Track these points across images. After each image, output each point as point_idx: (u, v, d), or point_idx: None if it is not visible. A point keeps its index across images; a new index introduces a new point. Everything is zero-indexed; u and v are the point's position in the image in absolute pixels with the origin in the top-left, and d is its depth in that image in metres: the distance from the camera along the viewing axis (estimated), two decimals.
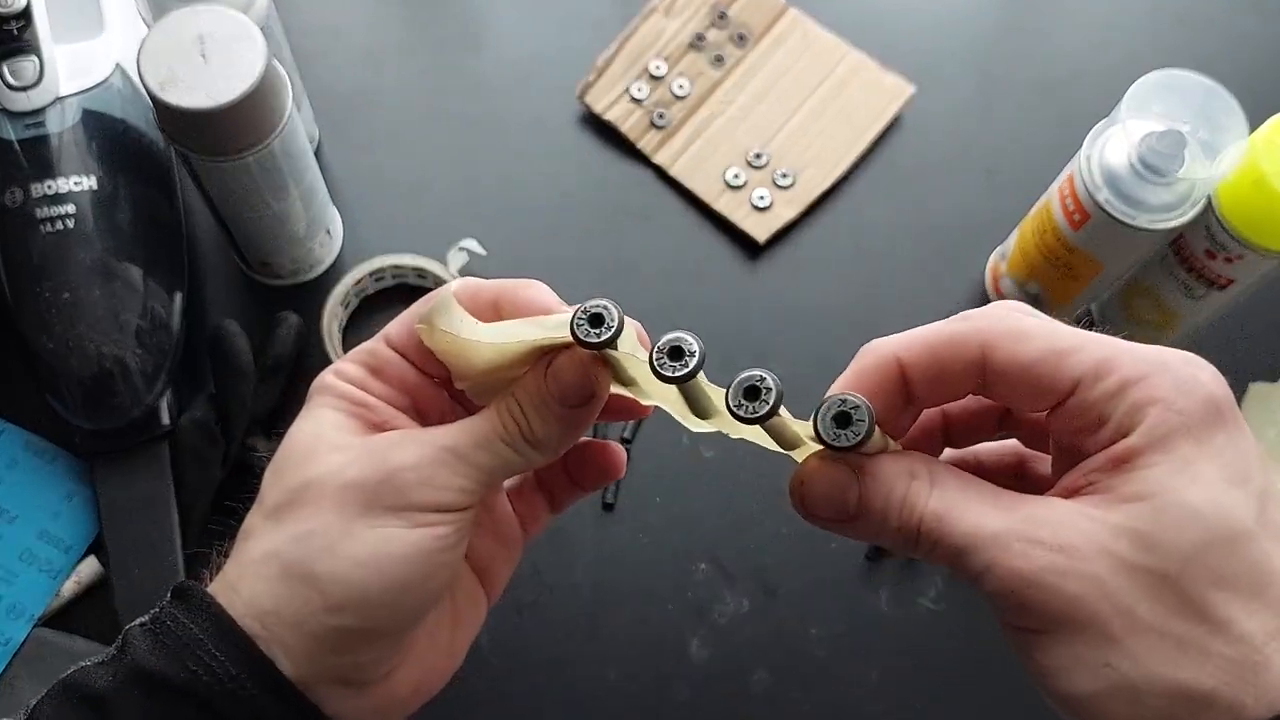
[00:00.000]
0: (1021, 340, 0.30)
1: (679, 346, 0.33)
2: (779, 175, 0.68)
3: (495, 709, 0.57)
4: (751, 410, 0.31)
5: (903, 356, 0.33)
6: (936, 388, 0.32)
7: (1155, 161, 0.53)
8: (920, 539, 0.30)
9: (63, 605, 0.57)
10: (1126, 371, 0.28)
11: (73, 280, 0.55)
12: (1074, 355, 0.29)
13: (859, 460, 0.32)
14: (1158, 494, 0.27)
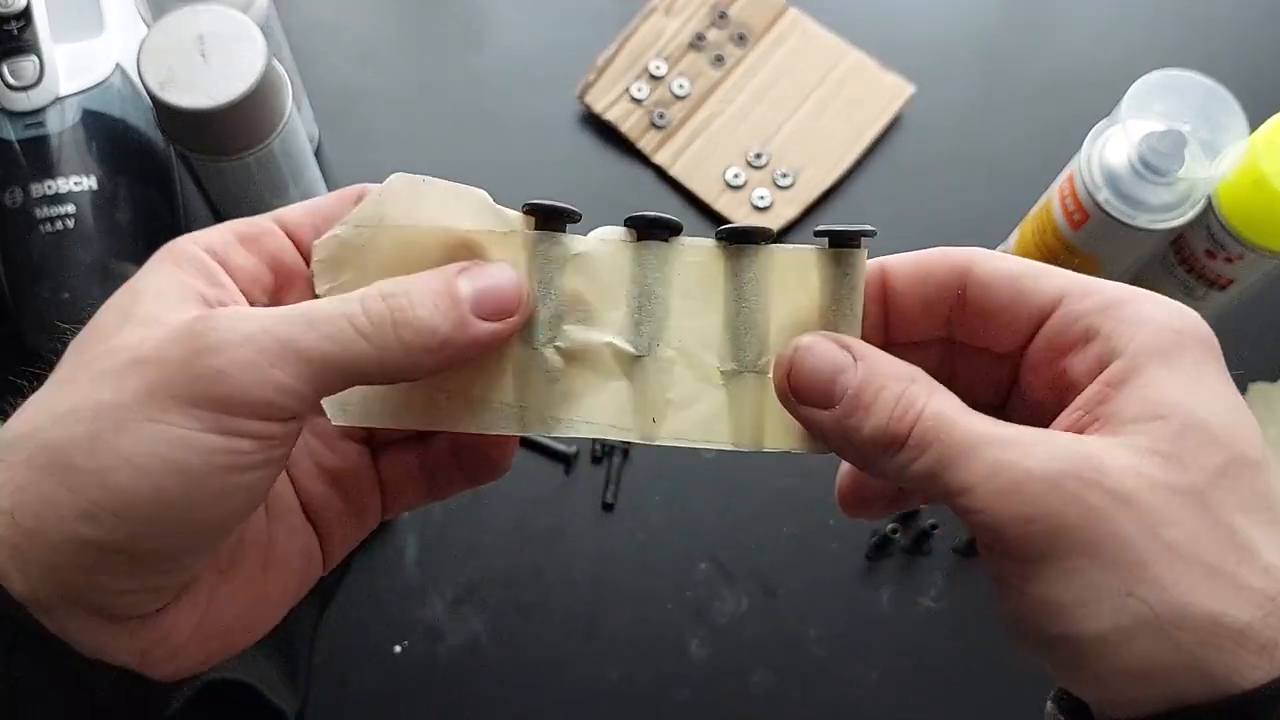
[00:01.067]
0: (1003, 260, 0.28)
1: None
2: (779, 175, 0.68)
3: (494, 709, 0.57)
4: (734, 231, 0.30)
5: (889, 264, 0.30)
6: (918, 302, 0.30)
7: (1155, 161, 0.53)
8: (910, 441, 0.26)
9: None
10: (1109, 293, 0.27)
11: (72, 280, 0.55)
12: (1054, 274, 0.28)
13: (860, 347, 0.28)
14: (1173, 413, 0.24)
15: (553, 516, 0.61)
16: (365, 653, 0.57)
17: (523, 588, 0.59)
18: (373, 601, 0.58)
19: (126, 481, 0.24)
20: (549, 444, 0.62)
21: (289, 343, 0.25)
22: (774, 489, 0.62)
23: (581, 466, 0.62)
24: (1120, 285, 0.27)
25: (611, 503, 0.61)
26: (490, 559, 0.60)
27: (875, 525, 0.61)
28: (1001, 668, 0.59)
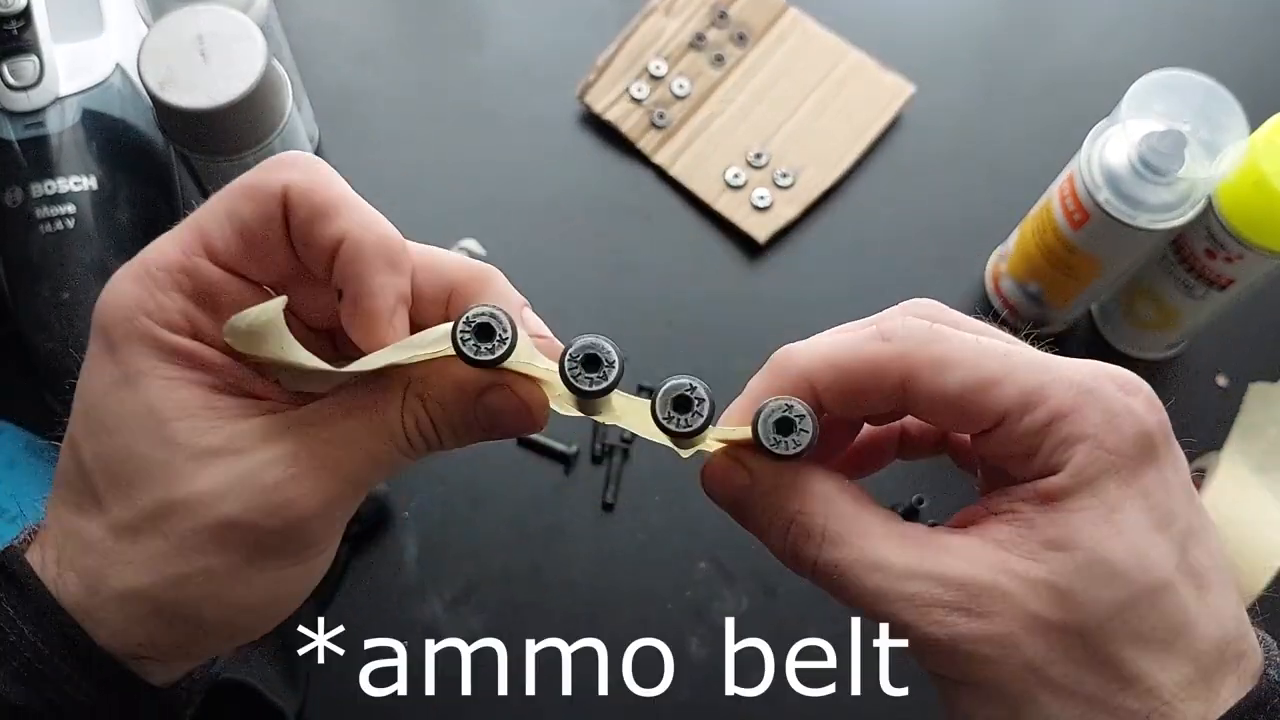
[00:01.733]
0: (944, 370, 0.28)
1: (594, 355, 0.28)
2: (779, 175, 0.68)
3: (493, 708, 0.57)
4: (684, 424, 0.29)
5: (815, 380, 0.31)
6: (852, 410, 0.31)
7: (1155, 161, 0.53)
8: (817, 578, 0.29)
9: None
10: (1055, 403, 0.27)
11: (72, 280, 0.55)
12: (1000, 386, 0.28)
13: (753, 466, 0.30)
14: (1080, 546, 0.26)
15: (552, 516, 0.61)
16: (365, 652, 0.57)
17: (522, 587, 0.59)
18: (372, 601, 0.58)
19: (250, 621, 0.31)
20: (549, 444, 0.62)
21: (359, 484, 0.29)
22: None
23: (581, 466, 0.62)
24: (1070, 384, 0.28)
25: (611, 503, 0.61)
26: (490, 559, 0.60)
27: None
28: None
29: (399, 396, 0.29)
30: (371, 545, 0.59)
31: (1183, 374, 0.66)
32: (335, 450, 0.28)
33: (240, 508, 0.27)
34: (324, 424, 0.28)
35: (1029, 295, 0.64)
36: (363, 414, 0.29)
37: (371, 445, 0.29)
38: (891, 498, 0.62)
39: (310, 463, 0.28)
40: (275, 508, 0.27)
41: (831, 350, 0.31)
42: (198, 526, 0.27)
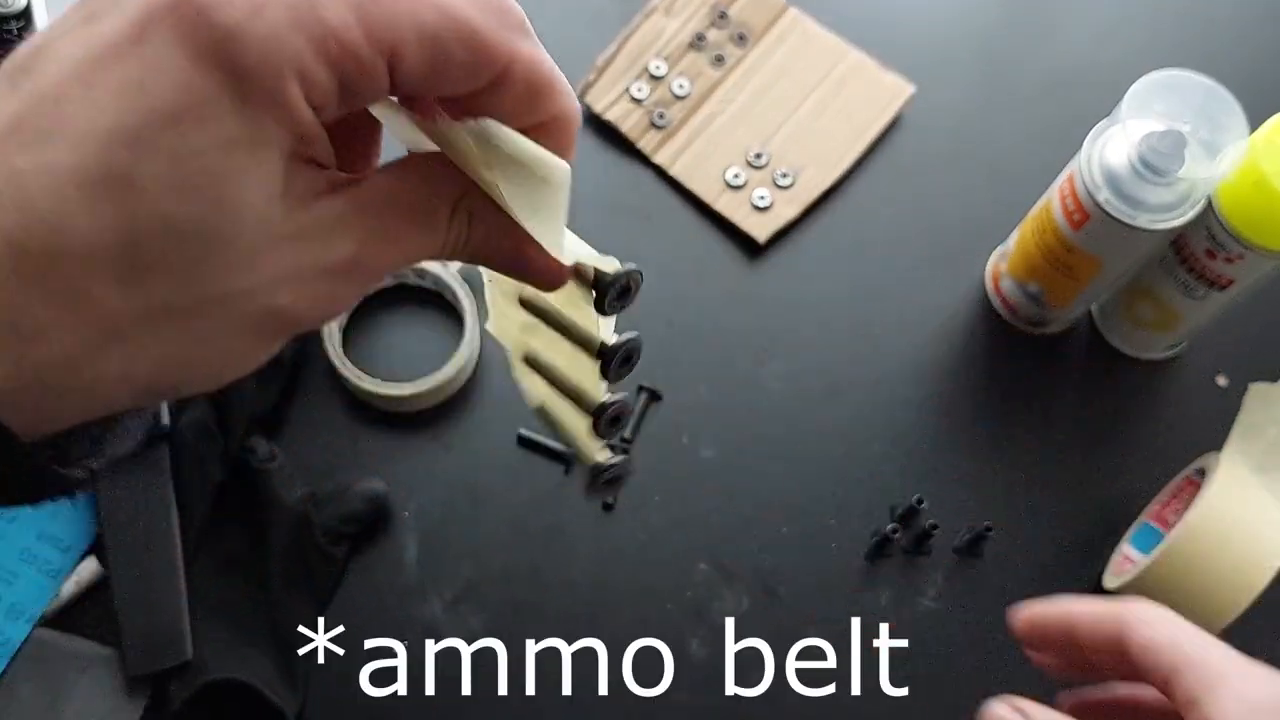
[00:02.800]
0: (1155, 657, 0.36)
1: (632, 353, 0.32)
2: (779, 175, 0.68)
3: (493, 708, 0.57)
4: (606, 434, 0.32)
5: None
6: None
7: (1155, 161, 0.53)
8: None
9: (62, 606, 0.57)
10: (1214, 668, 0.33)
11: None
12: (1169, 650, 0.35)
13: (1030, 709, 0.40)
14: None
15: (552, 516, 0.61)
16: (364, 652, 0.57)
17: (522, 588, 0.59)
18: (372, 601, 0.58)
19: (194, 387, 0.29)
20: (549, 444, 0.62)
21: (377, 281, 0.29)
22: (774, 489, 0.62)
23: (581, 466, 0.62)
24: (1225, 658, 0.34)
25: (611, 503, 0.61)
26: (489, 558, 0.60)
27: (875, 525, 0.61)
28: (1001, 668, 0.59)
29: (449, 206, 0.27)
30: (371, 545, 0.59)
31: (1183, 374, 0.66)
32: (384, 249, 0.26)
33: (292, 299, 0.25)
34: (380, 216, 0.26)
35: (1029, 295, 0.64)
36: (415, 215, 0.27)
37: (413, 248, 0.27)
38: (891, 498, 0.62)
39: (362, 263, 0.26)
40: (324, 303, 0.26)
41: None
42: (247, 312, 0.24)
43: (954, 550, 0.61)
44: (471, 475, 0.61)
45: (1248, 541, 0.54)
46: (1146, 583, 0.55)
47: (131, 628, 0.55)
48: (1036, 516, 0.62)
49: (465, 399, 0.63)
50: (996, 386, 0.65)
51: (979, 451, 0.64)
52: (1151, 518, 0.61)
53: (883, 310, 0.67)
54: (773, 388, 0.64)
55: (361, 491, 0.58)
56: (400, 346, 0.64)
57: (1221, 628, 0.54)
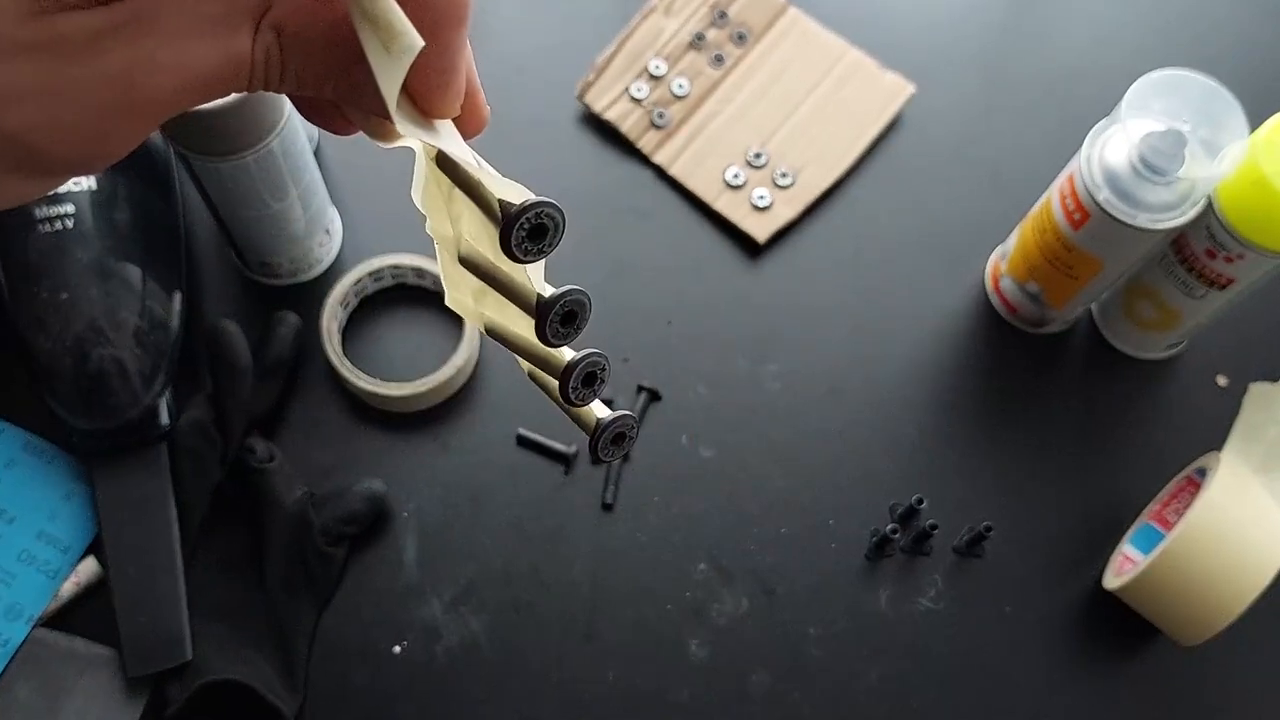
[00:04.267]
0: None
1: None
2: (779, 175, 0.68)
3: (492, 709, 0.57)
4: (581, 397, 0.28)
5: None
6: None
7: (1155, 161, 0.53)
8: None
9: (61, 606, 0.56)
10: None
11: (70, 280, 0.55)
12: None
13: None
14: None
15: (552, 517, 0.61)
16: (363, 653, 0.57)
17: (522, 588, 0.59)
18: (371, 601, 0.58)
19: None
20: (549, 444, 0.62)
21: (166, 114, 0.24)
22: (773, 489, 0.62)
23: (581, 466, 0.62)
24: None
25: (611, 503, 0.61)
26: (489, 559, 0.60)
27: (875, 525, 0.61)
28: (1000, 668, 0.59)
29: (251, 19, 0.24)
30: (371, 545, 0.59)
31: (1183, 374, 0.66)
32: (170, 79, 0.23)
33: (26, 123, 0.22)
34: (153, 31, 0.22)
35: (1029, 295, 0.64)
36: (203, 28, 0.23)
37: (202, 66, 0.23)
38: (891, 498, 0.62)
39: (139, 90, 0.23)
40: (82, 139, 0.23)
41: None
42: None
43: (954, 550, 0.61)
44: (471, 475, 0.61)
45: (1248, 541, 0.54)
46: (1146, 583, 0.55)
47: (130, 628, 0.55)
48: (1036, 517, 0.62)
49: (465, 399, 0.63)
50: (996, 386, 0.65)
51: (979, 451, 0.63)
52: (1151, 518, 0.61)
53: (883, 310, 0.66)
54: (772, 388, 0.64)
55: (361, 491, 0.58)
56: (400, 346, 0.64)
57: (1222, 627, 0.54)
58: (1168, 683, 0.59)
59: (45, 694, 0.54)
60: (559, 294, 0.26)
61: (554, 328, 0.27)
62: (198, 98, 0.24)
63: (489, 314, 0.31)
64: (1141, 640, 0.60)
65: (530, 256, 0.25)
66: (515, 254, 0.25)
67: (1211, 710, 0.59)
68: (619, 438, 0.29)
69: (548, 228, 0.25)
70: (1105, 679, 0.59)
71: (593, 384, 0.28)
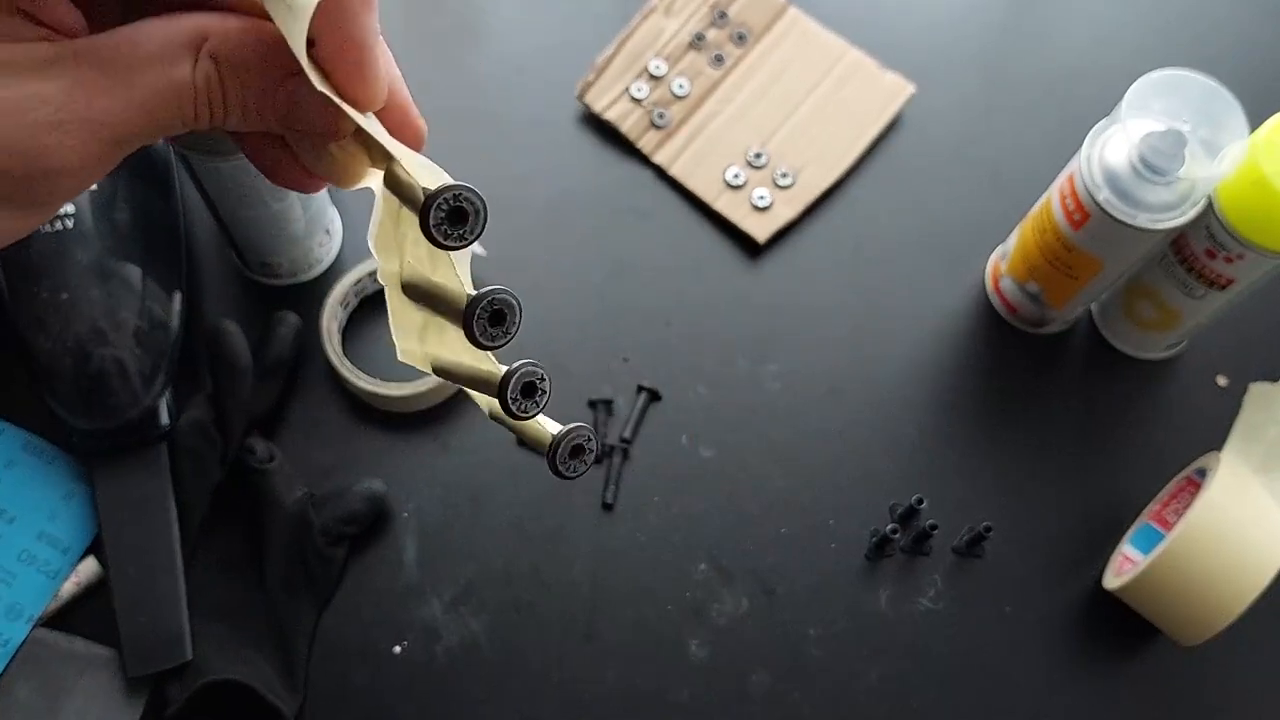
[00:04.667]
0: None
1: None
2: (779, 175, 0.68)
3: (492, 709, 0.57)
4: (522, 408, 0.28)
5: None
6: None
7: (1156, 161, 0.53)
8: None
9: (62, 606, 0.56)
10: None
11: (70, 280, 0.55)
12: None
13: None
14: None
15: (552, 517, 0.61)
16: (363, 653, 0.57)
17: (522, 588, 0.59)
18: (371, 602, 0.58)
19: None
20: None
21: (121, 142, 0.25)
22: (773, 489, 0.62)
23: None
24: None
25: (611, 503, 0.61)
26: (489, 559, 0.60)
27: (875, 525, 0.61)
28: (1000, 668, 0.59)
29: (190, 49, 0.25)
30: (371, 546, 0.59)
31: (1183, 374, 0.66)
32: (113, 102, 0.25)
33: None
34: (107, 67, 0.25)
35: (1029, 295, 0.63)
36: (144, 59, 0.25)
37: (154, 103, 0.25)
38: (891, 498, 0.62)
39: (83, 111, 0.24)
40: (29, 153, 0.24)
41: None
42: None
43: (954, 550, 0.61)
44: (471, 475, 0.61)
45: (1248, 541, 0.54)
46: (1146, 583, 0.55)
47: (130, 628, 0.55)
48: (1036, 517, 0.62)
49: (465, 399, 0.63)
50: (996, 386, 0.65)
51: (979, 451, 0.63)
52: (1151, 518, 0.61)
53: (883, 310, 0.66)
54: (772, 388, 0.64)
55: (361, 492, 0.58)
56: None
57: (1222, 627, 0.54)
58: (1168, 683, 0.59)
59: (45, 694, 0.54)
60: (484, 292, 0.26)
61: (481, 326, 0.26)
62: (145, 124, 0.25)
63: (434, 350, 0.31)
64: (1141, 640, 0.60)
65: (452, 241, 0.25)
66: (435, 236, 0.25)
67: (1211, 710, 0.59)
68: (577, 450, 0.29)
69: (467, 212, 0.25)
70: (1105, 679, 0.59)
71: (533, 394, 0.28)
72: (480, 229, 0.26)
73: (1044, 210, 0.60)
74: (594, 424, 0.62)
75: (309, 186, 0.31)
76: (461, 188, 0.25)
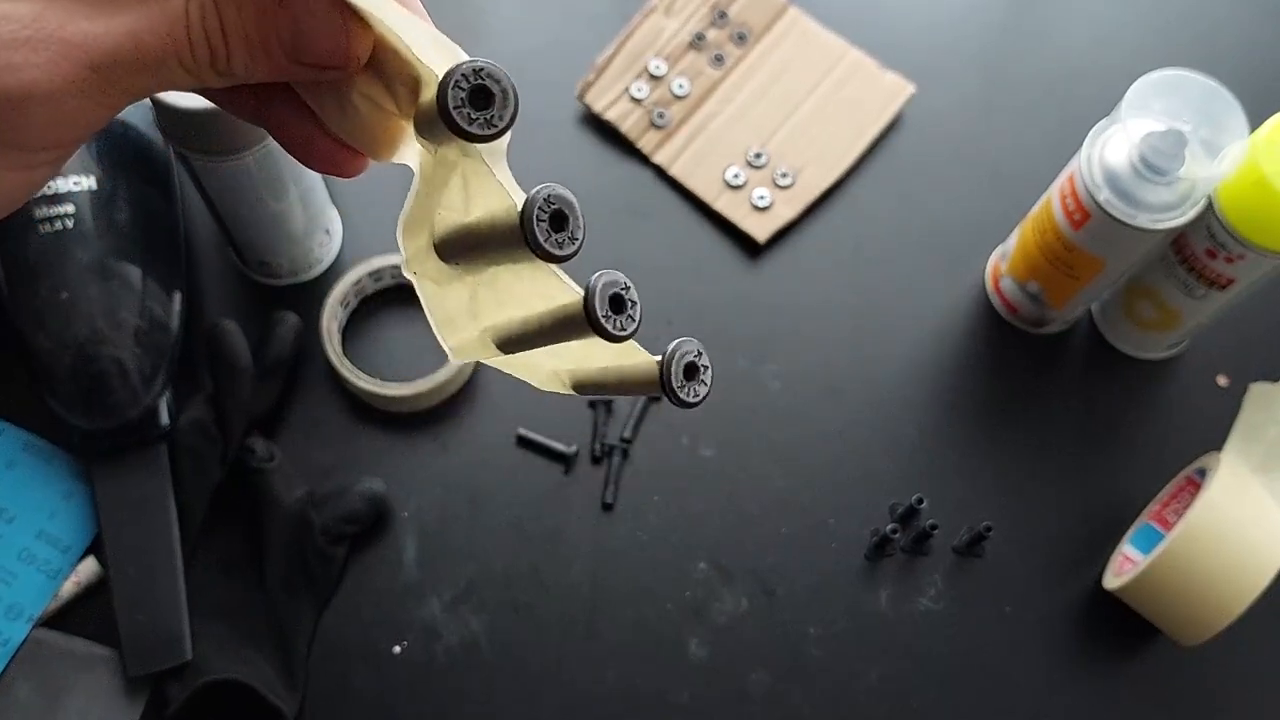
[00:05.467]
0: None
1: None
2: (779, 175, 0.68)
3: (492, 709, 0.57)
4: (619, 325, 0.24)
5: None
6: None
7: (1156, 161, 0.53)
8: None
9: (62, 605, 0.56)
10: None
11: (70, 280, 0.55)
12: None
13: None
14: None
15: (552, 517, 0.61)
16: (363, 653, 0.57)
17: (521, 588, 0.59)
18: (371, 602, 0.58)
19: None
20: (549, 444, 0.62)
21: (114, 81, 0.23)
22: (773, 489, 0.62)
23: (581, 466, 0.62)
24: None
25: (611, 503, 0.61)
26: (489, 559, 0.60)
27: (875, 525, 0.61)
28: (999, 668, 0.59)
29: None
30: (371, 545, 0.59)
31: (1183, 374, 0.66)
32: (92, 25, 0.23)
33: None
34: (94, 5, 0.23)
35: (1029, 295, 0.63)
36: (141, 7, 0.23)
37: (141, 30, 0.23)
38: (891, 498, 0.62)
39: (55, 31, 0.22)
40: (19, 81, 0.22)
41: None
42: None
43: (954, 550, 0.61)
44: (471, 475, 0.61)
45: (1248, 541, 0.54)
46: (1146, 583, 0.55)
47: (130, 628, 0.55)
48: (1036, 517, 0.62)
49: (465, 399, 0.63)
50: (996, 386, 0.65)
51: (979, 451, 0.63)
52: (1151, 518, 0.61)
53: (883, 310, 0.66)
54: (773, 388, 0.64)
55: (361, 491, 0.58)
56: (400, 346, 0.64)
57: (1222, 627, 0.54)
58: (1168, 683, 0.59)
59: (45, 694, 0.54)
60: (536, 191, 0.22)
61: (545, 231, 0.22)
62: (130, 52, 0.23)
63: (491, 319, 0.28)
64: (1141, 640, 0.60)
65: (478, 128, 0.22)
66: (457, 122, 0.21)
67: (1211, 710, 0.59)
68: (691, 368, 0.24)
69: (493, 92, 0.22)
70: (1105, 679, 0.59)
71: (622, 308, 0.24)
72: (512, 113, 0.22)
73: (1044, 210, 0.60)
74: (594, 424, 0.62)
75: (347, 166, 0.28)
76: (483, 63, 0.22)
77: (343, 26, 0.24)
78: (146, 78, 0.24)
